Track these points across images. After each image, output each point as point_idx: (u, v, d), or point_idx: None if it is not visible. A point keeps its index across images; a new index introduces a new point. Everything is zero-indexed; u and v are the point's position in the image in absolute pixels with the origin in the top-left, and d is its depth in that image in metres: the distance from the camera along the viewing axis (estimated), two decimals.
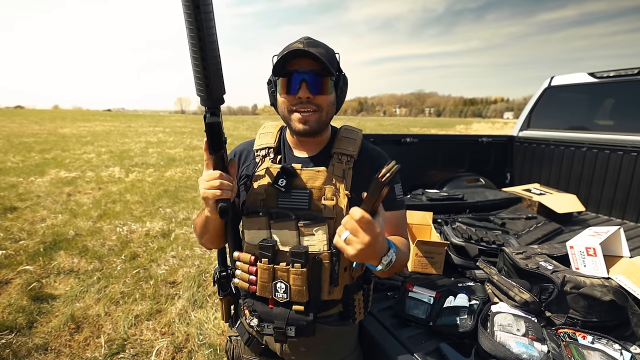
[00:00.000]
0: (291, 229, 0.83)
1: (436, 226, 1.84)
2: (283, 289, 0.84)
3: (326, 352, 0.94)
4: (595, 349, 0.95)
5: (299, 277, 0.82)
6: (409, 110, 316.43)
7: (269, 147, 0.95)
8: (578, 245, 1.28)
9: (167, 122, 33.30)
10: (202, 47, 0.60)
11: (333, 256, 0.82)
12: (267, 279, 0.85)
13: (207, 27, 0.58)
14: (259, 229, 0.85)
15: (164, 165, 8.54)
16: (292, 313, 0.85)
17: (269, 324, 0.87)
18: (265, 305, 0.89)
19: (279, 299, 0.85)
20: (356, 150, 0.91)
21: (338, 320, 0.94)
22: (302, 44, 0.81)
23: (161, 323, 2.37)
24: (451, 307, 1.15)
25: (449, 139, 3.06)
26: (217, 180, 0.75)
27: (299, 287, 0.82)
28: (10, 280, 2.82)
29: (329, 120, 0.90)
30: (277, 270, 0.84)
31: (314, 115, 0.84)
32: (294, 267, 0.81)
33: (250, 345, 0.99)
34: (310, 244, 0.83)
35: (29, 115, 35.36)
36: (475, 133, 16.75)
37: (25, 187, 5.78)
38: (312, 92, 0.82)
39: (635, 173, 2.42)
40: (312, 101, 0.82)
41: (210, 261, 3.29)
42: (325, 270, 0.83)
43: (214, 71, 0.64)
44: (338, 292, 0.88)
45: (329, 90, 0.84)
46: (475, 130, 27.62)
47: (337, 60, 0.89)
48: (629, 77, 2.51)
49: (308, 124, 0.84)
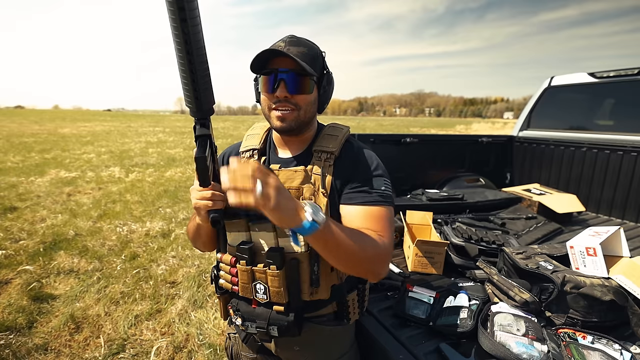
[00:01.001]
0: (269, 230, 0.83)
1: (436, 226, 1.83)
2: (262, 290, 0.84)
3: (320, 351, 0.95)
4: (595, 349, 0.95)
5: (276, 279, 0.81)
6: (408, 110, 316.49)
7: (254, 149, 0.97)
8: (578, 245, 1.28)
9: (167, 122, 33.31)
10: (190, 60, 0.58)
11: (311, 257, 0.82)
12: (246, 280, 0.85)
13: (195, 40, 0.57)
14: (238, 231, 0.86)
15: (164, 165, 8.53)
16: (273, 313, 0.85)
17: (252, 324, 0.87)
18: (249, 305, 0.89)
19: (259, 299, 0.85)
20: (337, 147, 0.90)
21: (333, 320, 0.94)
22: (284, 43, 0.83)
23: (161, 323, 2.37)
24: (451, 307, 1.15)
25: (449, 139, 3.06)
26: (209, 192, 0.75)
27: (277, 289, 0.82)
28: (10, 280, 2.82)
29: (308, 119, 0.90)
30: (255, 271, 0.84)
31: (292, 114, 0.85)
32: (270, 269, 0.81)
33: (247, 342, 1.00)
34: (286, 245, 0.82)
35: (29, 115, 35.39)
36: (475, 133, 16.75)
37: (25, 187, 5.77)
38: (290, 91, 0.83)
39: (635, 173, 2.42)
40: (289, 100, 0.84)
41: (210, 261, 3.29)
42: (303, 271, 0.83)
43: (203, 83, 0.63)
44: (324, 292, 0.87)
45: (308, 90, 0.85)
46: (475, 130, 27.63)
47: (322, 59, 0.89)
48: (629, 77, 2.51)
49: (285, 122, 0.85)
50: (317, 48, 0.89)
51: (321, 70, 0.88)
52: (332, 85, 0.94)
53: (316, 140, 0.94)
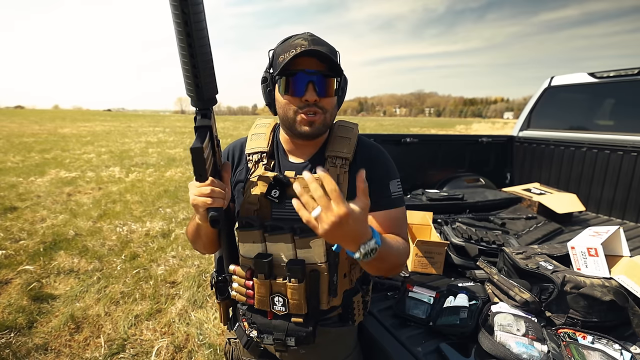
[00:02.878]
0: (287, 241, 0.79)
1: (436, 226, 1.83)
2: (281, 302, 0.82)
3: (325, 353, 0.94)
4: (595, 349, 0.95)
5: (297, 292, 0.80)
6: (409, 110, 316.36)
7: (262, 152, 0.90)
8: (579, 246, 1.28)
9: (167, 122, 33.30)
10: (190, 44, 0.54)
11: (330, 267, 0.81)
12: (264, 293, 0.83)
13: (195, 21, 0.52)
14: (253, 242, 0.82)
15: (164, 165, 8.53)
16: (292, 325, 0.83)
17: (268, 335, 0.86)
18: (264, 318, 0.88)
19: (277, 311, 0.84)
20: (351, 151, 0.87)
21: (337, 322, 0.94)
22: (306, 41, 0.76)
23: (161, 323, 2.37)
24: (451, 307, 1.15)
25: (449, 139, 3.06)
26: (207, 188, 0.69)
27: (297, 301, 0.81)
28: (10, 280, 2.82)
29: (331, 123, 0.87)
30: (273, 284, 0.82)
31: (320, 118, 0.80)
32: (290, 282, 0.79)
33: (249, 348, 0.98)
34: (306, 257, 0.80)
35: (29, 115, 35.38)
36: (475, 133, 16.74)
37: (25, 187, 5.77)
38: (320, 94, 0.78)
39: (635, 173, 2.42)
40: (317, 104, 0.79)
41: (210, 261, 3.29)
42: (323, 281, 0.81)
43: (205, 69, 0.58)
44: (338, 299, 0.87)
45: (334, 92, 0.81)
46: (475, 130, 27.62)
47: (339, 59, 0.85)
48: (629, 77, 2.51)
49: (313, 126, 0.80)
50: (333, 47, 0.84)
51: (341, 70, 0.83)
52: (347, 86, 0.90)
53: (328, 143, 0.89)
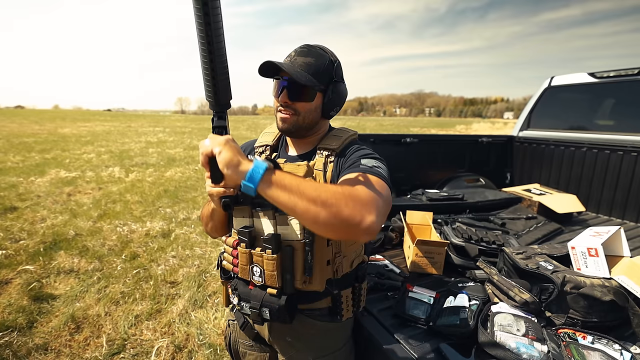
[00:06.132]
0: (270, 217, 0.89)
1: (436, 226, 1.83)
2: (258, 272, 0.89)
3: (311, 344, 0.98)
4: (595, 349, 0.95)
5: (271, 263, 0.86)
6: (409, 110, 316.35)
7: (267, 145, 1.06)
8: (580, 246, 1.28)
9: (167, 122, 33.32)
10: (212, 60, 0.66)
11: (306, 246, 0.86)
12: (245, 262, 0.91)
13: (217, 42, 0.65)
14: (243, 217, 0.93)
15: (164, 165, 8.54)
16: (267, 295, 0.90)
17: (246, 304, 0.92)
18: (246, 286, 0.95)
19: (255, 281, 0.91)
20: (339, 145, 0.97)
21: (326, 316, 0.98)
22: (294, 52, 0.92)
23: (161, 323, 2.37)
24: (451, 307, 1.15)
25: (449, 139, 3.07)
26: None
27: (272, 272, 0.87)
28: (11, 280, 2.82)
29: (308, 124, 0.96)
30: (253, 254, 0.89)
31: (291, 118, 0.94)
32: (266, 253, 0.87)
33: (244, 329, 1.06)
34: (284, 233, 0.88)
35: (29, 115, 35.39)
36: (475, 133, 16.74)
37: (25, 187, 5.77)
38: (291, 98, 0.91)
39: (635, 173, 2.42)
40: (290, 105, 0.93)
41: (210, 261, 3.29)
42: (297, 258, 0.87)
43: (222, 80, 0.71)
44: (317, 283, 0.90)
45: (309, 98, 0.92)
46: (475, 130, 27.62)
47: (333, 68, 0.94)
48: (629, 77, 2.51)
49: (285, 124, 0.95)
50: (329, 57, 0.94)
51: (329, 79, 0.93)
52: (342, 93, 0.98)
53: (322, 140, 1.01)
